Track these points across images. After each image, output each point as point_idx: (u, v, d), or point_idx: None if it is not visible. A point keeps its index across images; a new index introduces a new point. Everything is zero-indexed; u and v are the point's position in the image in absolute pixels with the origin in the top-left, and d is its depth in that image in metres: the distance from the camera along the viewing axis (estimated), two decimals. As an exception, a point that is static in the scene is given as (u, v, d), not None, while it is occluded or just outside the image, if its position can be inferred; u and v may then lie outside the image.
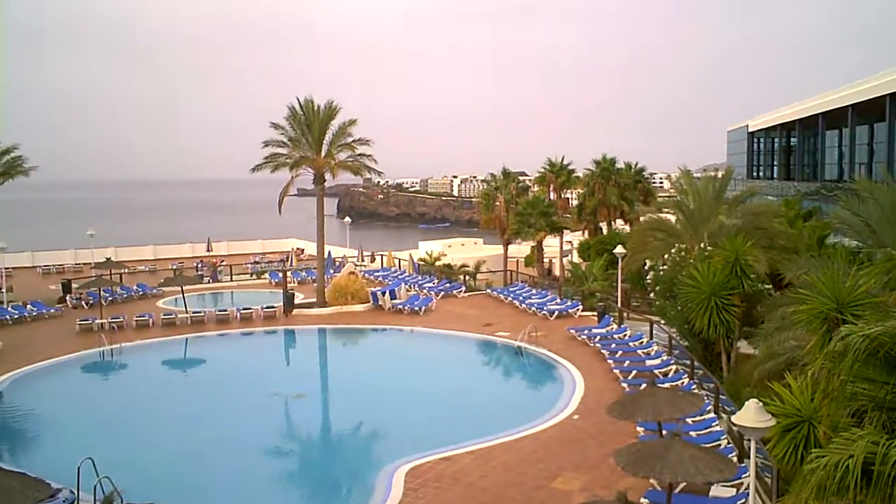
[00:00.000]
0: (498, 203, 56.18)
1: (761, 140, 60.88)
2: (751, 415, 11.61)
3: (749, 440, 12.20)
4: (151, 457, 20.11)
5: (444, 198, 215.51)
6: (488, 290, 43.06)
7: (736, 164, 59.18)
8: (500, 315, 36.83)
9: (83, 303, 40.78)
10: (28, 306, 38.56)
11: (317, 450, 22.11)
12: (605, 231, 56.16)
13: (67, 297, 41.81)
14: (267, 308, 37.46)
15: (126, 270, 47.04)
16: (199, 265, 54.92)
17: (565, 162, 60.51)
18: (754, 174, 61.15)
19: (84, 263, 56.36)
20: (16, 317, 37.18)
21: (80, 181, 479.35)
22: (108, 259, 46.59)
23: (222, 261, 56.67)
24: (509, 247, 56.50)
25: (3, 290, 40.54)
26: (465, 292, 43.16)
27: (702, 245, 27.59)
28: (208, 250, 63.53)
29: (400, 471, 17.64)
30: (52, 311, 38.89)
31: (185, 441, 21.50)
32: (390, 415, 23.30)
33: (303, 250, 61.43)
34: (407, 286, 42.77)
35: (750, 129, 60.54)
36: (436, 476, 17.47)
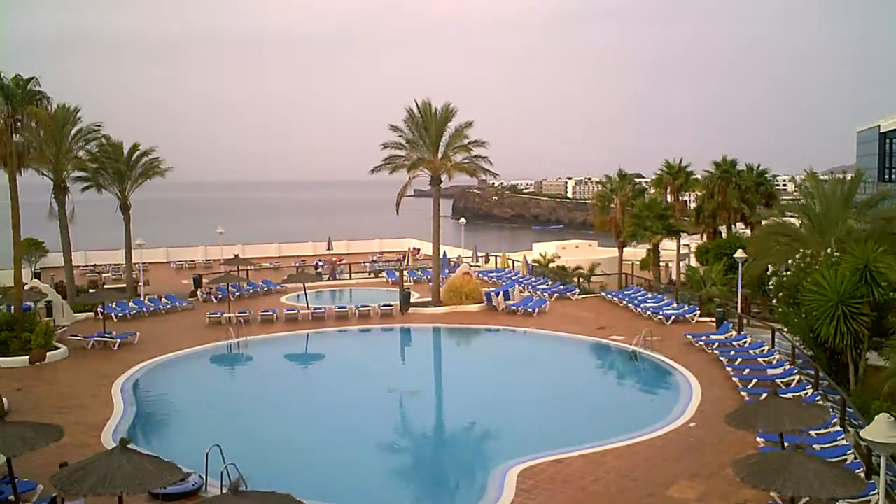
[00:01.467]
0: (613, 205, 55.39)
1: (894, 141, 57.48)
2: (882, 429, 11.21)
3: (879, 456, 11.76)
4: (272, 446, 20.97)
5: (558, 199, 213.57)
6: (603, 293, 42.62)
7: (867, 166, 55.99)
8: (615, 318, 36.44)
9: (213, 297, 42.86)
10: (163, 299, 40.96)
11: (430, 446, 22.51)
12: (724, 235, 54.47)
13: (198, 292, 44.15)
14: (384, 306, 38.46)
15: (252, 267, 48.99)
16: (320, 263, 56.79)
17: (683, 164, 59.13)
18: (886, 177, 57.82)
19: (214, 259, 59.54)
20: (152, 309, 39.55)
21: (216, 182, 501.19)
22: (236, 256, 48.72)
23: (342, 259, 58.44)
24: (624, 249, 55.65)
25: (142, 283, 43.22)
26: (578, 295, 42.90)
27: (828, 250, 26.46)
28: (329, 249, 65.54)
29: (512, 471, 17.77)
30: (185, 304, 41.14)
31: (304, 432, 22.40)
32: (503, 414, 23.53)
33: (419, 250, 62.43)
34: (521, 287, 42.89)
35: (882, 130, 57.18)
36: (548, 478, 17.54)
